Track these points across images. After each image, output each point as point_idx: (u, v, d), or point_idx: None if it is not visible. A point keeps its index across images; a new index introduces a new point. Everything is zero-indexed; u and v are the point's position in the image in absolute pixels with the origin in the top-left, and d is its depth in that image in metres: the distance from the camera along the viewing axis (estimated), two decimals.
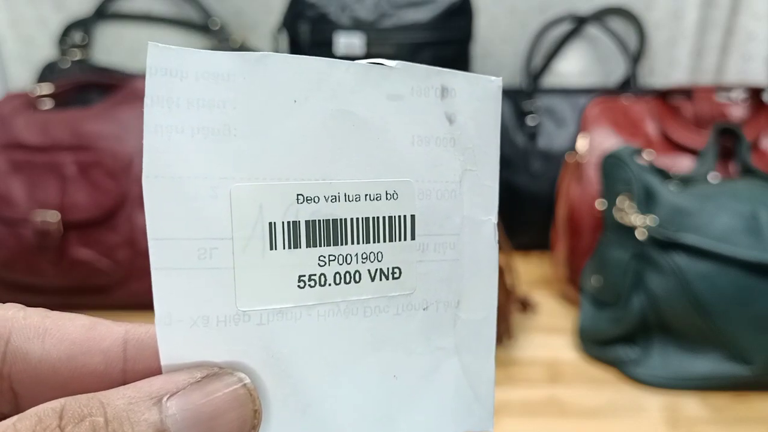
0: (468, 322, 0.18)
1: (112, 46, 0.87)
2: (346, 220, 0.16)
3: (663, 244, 0.52)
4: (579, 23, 0.84)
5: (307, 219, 0.16)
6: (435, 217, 0.18)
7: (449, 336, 0.18)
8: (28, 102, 0.67)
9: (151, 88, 0.14)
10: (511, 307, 0.58)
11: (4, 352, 0.15)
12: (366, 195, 0.17)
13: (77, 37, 0.85)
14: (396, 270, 0.17)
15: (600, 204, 0.60)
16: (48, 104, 0.68)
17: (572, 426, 0.48)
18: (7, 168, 0.63)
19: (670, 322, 0.53)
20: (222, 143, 0.15)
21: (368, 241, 0.17)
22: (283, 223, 0.16)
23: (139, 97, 0.64)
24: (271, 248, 0.16)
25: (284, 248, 0.16)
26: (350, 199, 0.16)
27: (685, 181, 0.57)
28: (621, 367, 0.54)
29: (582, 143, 0.68)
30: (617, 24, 0.84)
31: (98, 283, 0.63)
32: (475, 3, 0.77)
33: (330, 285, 0.16)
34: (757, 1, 0.80)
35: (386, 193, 0.17)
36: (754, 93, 0.67)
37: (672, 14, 0.84)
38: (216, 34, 0.86)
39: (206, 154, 0.15)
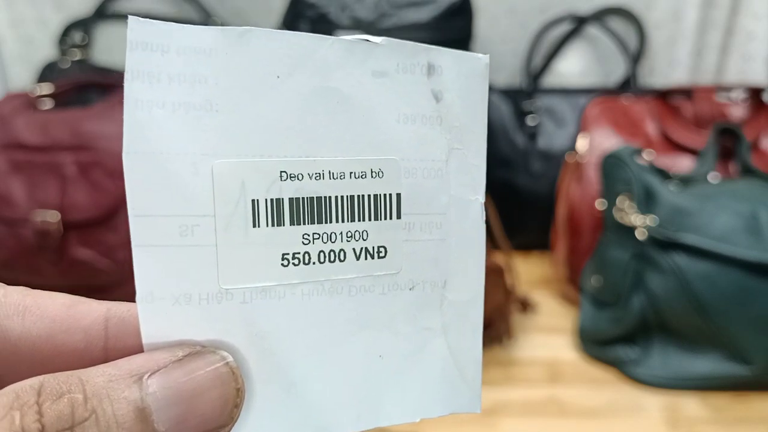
0: (455, 303, 0.18)
1: (112, 46, 0.87)
2: (330, 197, 0.16)
3: (663, 244, 0.52)
4: (579, 23, 0.84)
5: (291, 196, 0.16)
6: (421, 196, 0.17)
7: (436, 316, 0.18)
8: (28, 102, 0.67)
9: (132, 63, 0.14)
10: (511, 307, 0.58)
11: None
12: (351, 173, 0.16)
13: (77, 37, 0.85)
14: (381, 249, 0.17)
15: (600, 204, 0.60)
16: (48, 104, 0.68)
17: (572, 426, 0.48)
18: (7, 168, 0.63)
19: (670, 322, 0.53)
20: (203, 119, 0.15)
21: (353, 220, 0.17)
22: (266, 200, 0.15)
23: None
24: (254, 225, 0.15)
25: (267, 226, 0.16)
26: (335, 177, 0.16)
27: (685, 181, 0.57)
28: (621, 367, 0.54)
29: (582, 143, 0.68)
30: (617, 24, 0.84)
31: (98, 283, 0.63)
32: (475, 3, 0.77)
33: (314, 263, 0.16)
34: (757, 1, 0.80)
35: (371, 171, 0.17)
36: (754, 93, 0.67)
37: (672, 14, 0.84)
38: None
39: (187, 129, 0.15)
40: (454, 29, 0.76)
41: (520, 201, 0.78)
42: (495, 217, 0.61)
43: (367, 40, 0.16)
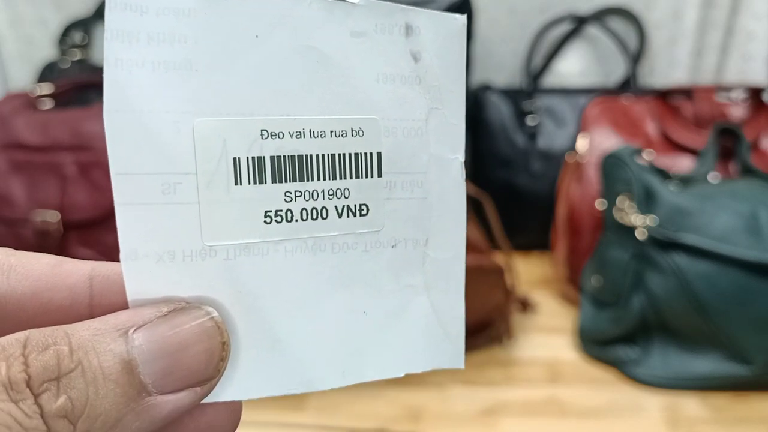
0: (437, 261, 0.18)
1: None
2: (311, 156, 0.16)
3: (663, 244, 0.52)
4: (579, 23, 0.84)
5: (272, 154, 0.16)
6: (402, 155, 0.18)
7: (418, 274, 0.18)
8: (28, 102, 0.67)
9: (111, 23, 0.14)
10: (511, 307, 0.58)
11: None
12: (331, 131, 0.17)
13: (77, 37, 0.85)
14: (363, 207, 0.17)
15: (600, 204, 0.60)
16: (48, 104, 0.68)
17: (572, 426, 0.48)
18: (7, 168, 0.63)
19: (670, 322, 0.53)
20: (183, 78, 0.15)
21: (335, 178, 0.17)
22: (247, 158, 0.16)
23: None
24: (236, 183, 0.15)
25: (249, 183, 0.16)
26: (315, 136, 0.16)
27: (685, 181, 0.57)
28: (621, 367, 0.54)
29: (582, 143, 0.68)
30: (617, 24, 0.84)
31: None
32: (475, 3, 0.77)
33: (297, 221, 0.16)
34: (757, 1, 0.80)
35: (352, 130, 0.17)
36: (754, 93, 0.67)
37: (672, 14, 0.84)
38: None
39: (168, 88, 0.15)
40: None
41: (520, 201, 0.78)
42: (495, 217, 0.61)
43: (345, 0, 0.16)
